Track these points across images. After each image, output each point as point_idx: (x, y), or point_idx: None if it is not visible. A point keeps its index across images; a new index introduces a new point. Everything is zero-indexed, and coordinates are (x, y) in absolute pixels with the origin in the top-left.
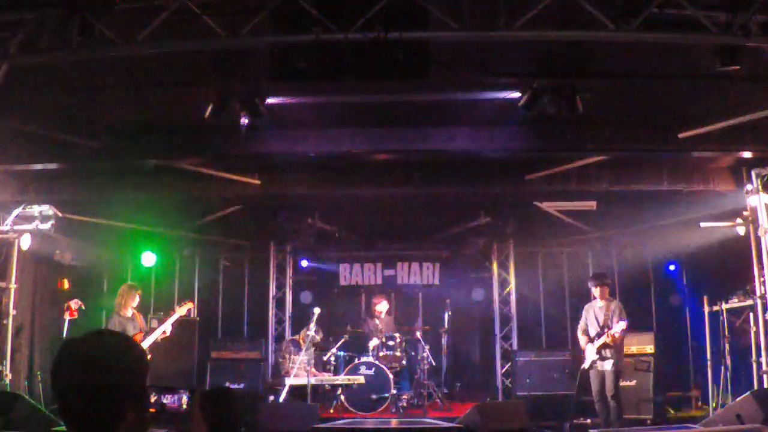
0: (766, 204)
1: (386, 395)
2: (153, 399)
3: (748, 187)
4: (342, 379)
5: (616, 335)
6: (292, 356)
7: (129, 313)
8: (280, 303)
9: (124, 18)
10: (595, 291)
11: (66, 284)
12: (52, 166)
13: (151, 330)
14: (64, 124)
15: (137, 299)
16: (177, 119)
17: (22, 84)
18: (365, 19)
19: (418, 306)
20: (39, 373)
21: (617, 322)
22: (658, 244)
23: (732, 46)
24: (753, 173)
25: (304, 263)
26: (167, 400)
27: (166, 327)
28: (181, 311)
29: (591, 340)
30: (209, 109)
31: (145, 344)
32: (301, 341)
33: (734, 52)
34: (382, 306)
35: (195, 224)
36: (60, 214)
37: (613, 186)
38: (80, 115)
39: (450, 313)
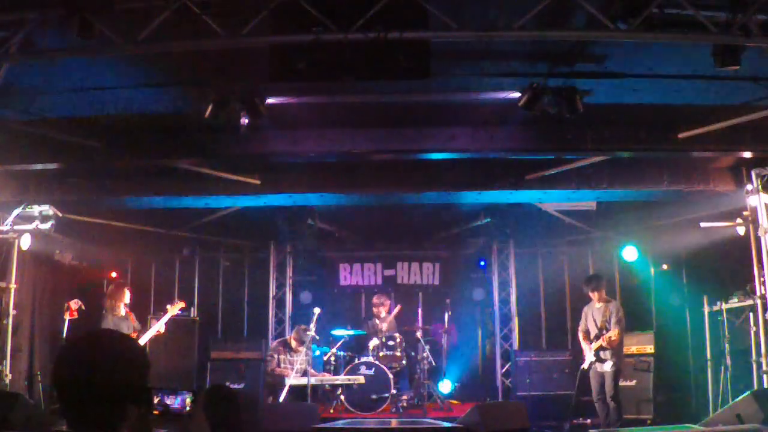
0: (766, 204)
1: (386, 395)
2: (156, 400)
3: (748, 187)
4: (342, 379)
5: (612, 338)
6: (281, 356)
7: (122, 311)
8: (279, 303)
9: (124, 18)
10: (592, 295)
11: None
12: (52, 166)
13: (146, 329)
14: (64, 124)
15: (127, 295)
16: (177, 119)
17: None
18: (365, 19)
19: (418, 306)
20: (39, 373)
21: (614, 325)
22: (658, 244)
23: (732, 46)
24: (753, 173)
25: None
26: (170, 401)
27: (159, 326)
28: (173, 310)
29: (590, 341)
30: (209, 109)
31: (140, 343)
32: (292, 342)
33: (734, 52)
34: (382, 306)
35: (195, 224)
36: (60, 214)
37: (613, 186)
38: (80, 115)
39: (450, 313)
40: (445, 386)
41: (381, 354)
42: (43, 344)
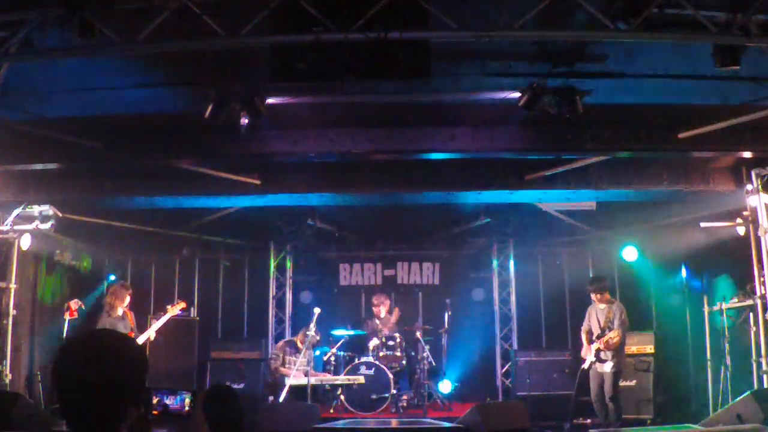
0: (766, 204)
1: (386, 395)
2: (156, 400)
3: (748, 187)
4: (342, 379)
5: (610, 342)
6: (287, 357)
7: (120, 312)
8: (280, 303)
9: (124, 18)
10: (594, 296)
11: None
12: (52, 166)
13: (143, 329)
14: (64, 124)
15: (128, 299)
16: (177, 119)
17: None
18: (365, 19)
19: (418, 306)
20: (39, 373)
21: (616, 327)
22: (658, 244)
23: (732, 46)
24: (753, 173)
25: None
26: (169, 401)
27: (158, 327)
28: (173, 311)
29: (591, 342)
30: (209, 109)
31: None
32: (298, 342)
33: (734, 52)
34: (382, 306)
35: (195, 224)
36: (60, 214)
37: (613, 186)
38: (80, 115)
39: (450, 313)
40: (445, 386)
41: (381, 354)
42: (43, 344)
